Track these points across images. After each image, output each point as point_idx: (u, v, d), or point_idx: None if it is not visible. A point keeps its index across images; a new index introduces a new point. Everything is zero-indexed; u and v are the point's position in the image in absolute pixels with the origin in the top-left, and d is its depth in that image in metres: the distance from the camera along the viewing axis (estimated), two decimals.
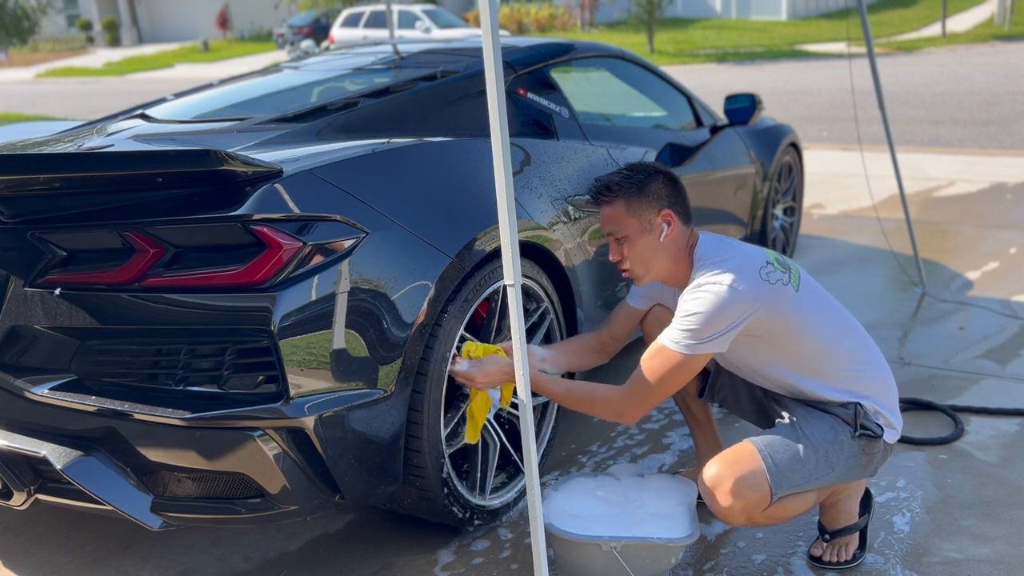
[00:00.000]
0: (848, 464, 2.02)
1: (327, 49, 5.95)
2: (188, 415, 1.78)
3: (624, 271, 2.12)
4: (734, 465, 1.94)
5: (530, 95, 2.90)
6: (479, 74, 2.65)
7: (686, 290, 1.98)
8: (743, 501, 1.91)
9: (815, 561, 2.16)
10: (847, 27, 4.84)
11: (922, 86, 13.64)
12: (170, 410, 1.80)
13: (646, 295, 2.34)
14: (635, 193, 2.06)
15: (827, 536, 2.16)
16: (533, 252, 2.45)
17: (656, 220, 2.06)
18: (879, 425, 2.05)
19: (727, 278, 1.93)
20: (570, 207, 2.64)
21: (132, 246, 1.82)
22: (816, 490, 2.03)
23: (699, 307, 1.92)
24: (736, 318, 1.91)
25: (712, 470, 1.96)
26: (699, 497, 2.16)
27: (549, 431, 2.58)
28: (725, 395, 2.33)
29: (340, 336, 1.88)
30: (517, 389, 1.80)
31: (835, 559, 2.14)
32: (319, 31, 27.23)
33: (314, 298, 1.83)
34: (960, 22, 27.34)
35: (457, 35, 19.11)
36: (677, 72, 17.49)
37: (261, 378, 1.83)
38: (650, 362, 1.98)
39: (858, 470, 2.05)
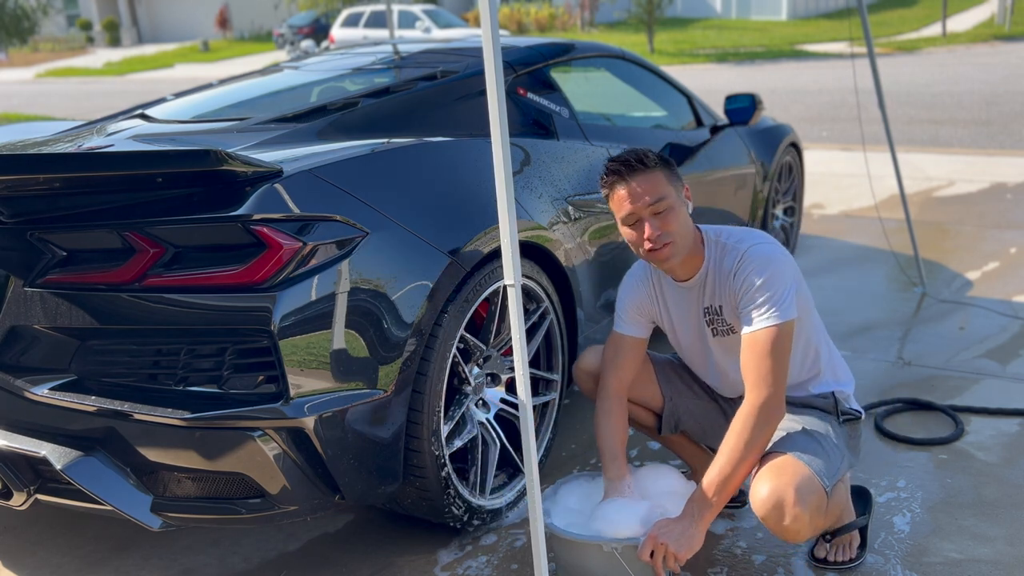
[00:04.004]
0: (847, 447, 2.09)
1: (327, 49, 5.95)
2: (188, 415, 1.78)
3: (663, 248, 1.98)
4: (783, 475, 1.87)
5: (530, 95, 2.90)
6: (479, 74, 2.64)
7: (734, 269, 2.00)
8: (808, 508, 1.84)
9: (819, 562, 2.16)
10: (849, 27, 4.86)
11: (922, 86, 13.63)
12: (170, 410, 1.80)
13: (643, 315, 2.21)
14: (665, 162, 2.03)
15: (828, 537, 2.16)
16: (533, 252, 2.45)
17: (683, 193, 2.05)
18: (855, 409, 2.16)
19: (765, 240, 2.04)
20: (570, 207, 2.64)
21: (132, 246, 1.82)
22: (843, 481, 2.09)
23: (762, 272, 1.95)
24: (793, 271, 1.99)
25: (765, 488, 1.86)
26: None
27: (549, 431, 2.58)
28: (689, 426, 2.34)
29: (340, 336, 1.88)
30: (517, 388, 1.80)
31: (839, 559, 2.14)
32: (319, 31, 27.23)
33: (314, 298, 1.83)
34: (960, 22, 27.33)
35: (457, 35, 19.11)
36: (677, 72, 17.49)
37: (261, 378, 1.83)
38: (754, 352, 1.93)
39: (853, 455, 2.13)
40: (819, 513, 1.89)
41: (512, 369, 2.40)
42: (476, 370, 2.33)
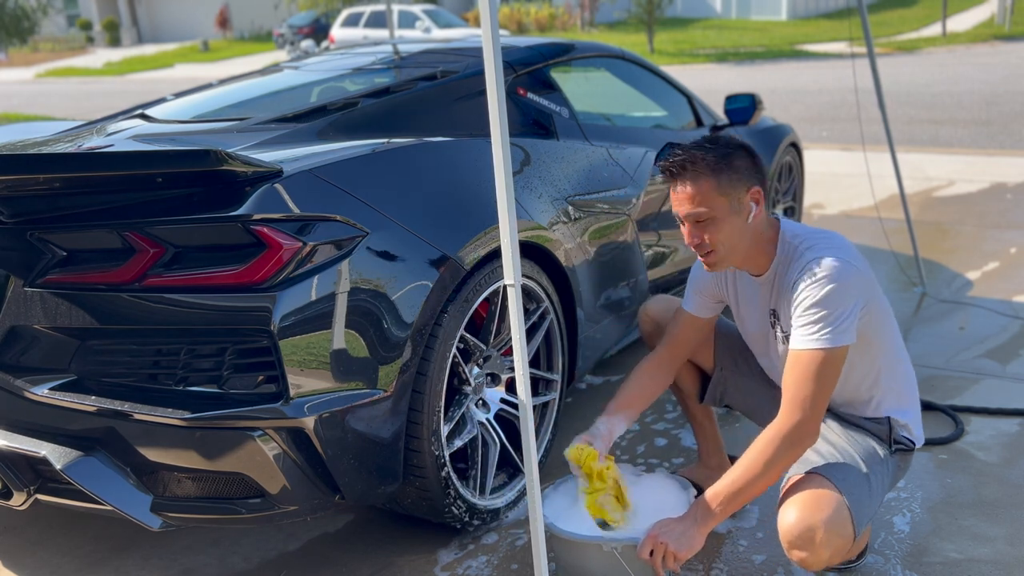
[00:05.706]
0: (891, 482, 2.01)
1: (327, 49, 5.95)
2: (188, 415, 1.78)
3: (705, 256, 1.93)
4: (819, 511, 1.78)
5: (530, 95, 2.90)
6: (479, 74, 2.64)
7: (796, 278, 1.86)
8: (831, 550, 1.78)
9: None
10: (849, 27, 4.86)
11: (922, 86, 13.63)
12: (170, 410, 1.80)
13: (708, 296, 2.14)
14: (725, 168, 1.85)
15: None
16: (533, 252, 2.45)
17: (746, 199, 1.88)
18: (909, 439, 2.03)
19: (837, 249, 1.86)
20: (570, 207, 2.64)
21: (132, 246, 1.82)
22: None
23: (822, 287, 1.80)
24: (859, 290, 1.83)
25: (793, 517, 1.78)
26: (697, 494, 2.15)
27: (549, 431, 2.58)
28: (736, 400, 2.30)
29: (340, 336, 1.88)
30: (517, 388, 1.80)
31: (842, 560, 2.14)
32: (319, 31, 27.24)
33: (314, 298, 1.83)
34: (960, 22, 27.33)
35: (457, 35, 19.11)
36: (677, 72, 17.48)
37: (261, 378, 1.83)
38: (796, 372, 1.82)
39: (892, 486, 2.04)
40: (838, 554, 1.82)
41: (512, 369, 2.40)
42: (476, 370, 2.33)
